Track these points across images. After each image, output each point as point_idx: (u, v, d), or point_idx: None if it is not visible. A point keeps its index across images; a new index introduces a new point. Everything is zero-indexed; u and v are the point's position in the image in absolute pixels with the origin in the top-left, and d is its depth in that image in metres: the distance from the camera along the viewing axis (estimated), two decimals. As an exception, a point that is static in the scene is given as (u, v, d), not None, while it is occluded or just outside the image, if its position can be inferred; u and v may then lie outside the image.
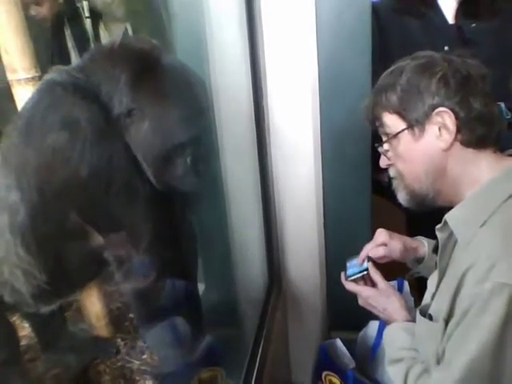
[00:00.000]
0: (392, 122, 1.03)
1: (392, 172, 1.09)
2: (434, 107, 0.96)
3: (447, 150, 0.97)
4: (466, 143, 0.96)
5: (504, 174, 0.95)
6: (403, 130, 1.01)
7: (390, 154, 1.06)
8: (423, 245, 1.29)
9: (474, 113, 0.95)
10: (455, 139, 0.96)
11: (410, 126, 1.00)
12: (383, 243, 1.27)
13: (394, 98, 1.01)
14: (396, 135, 1.02)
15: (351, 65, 1.53)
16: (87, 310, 1.63)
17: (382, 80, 1.06)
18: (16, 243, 1.10)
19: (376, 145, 1.10)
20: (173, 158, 1.11)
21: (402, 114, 1.01)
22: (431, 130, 0.98)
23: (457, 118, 0.95)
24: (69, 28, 2.17)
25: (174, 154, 1.10)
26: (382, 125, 1.05)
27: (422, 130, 0.98)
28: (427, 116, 0.97)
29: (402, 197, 1.07)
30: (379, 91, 1.04)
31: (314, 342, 1.82)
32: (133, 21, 2.18)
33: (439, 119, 0.96)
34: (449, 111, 0.95)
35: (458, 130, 0.96)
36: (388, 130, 1.04)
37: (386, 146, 1.07)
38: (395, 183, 1.08)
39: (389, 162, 1.08)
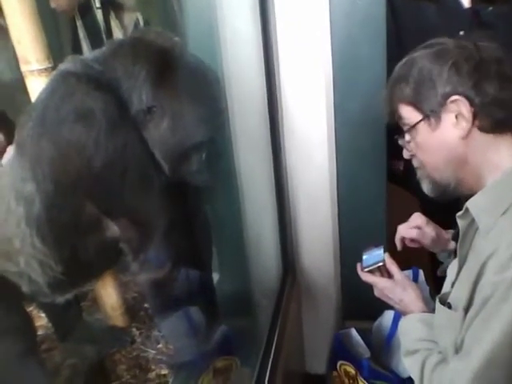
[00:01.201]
0: (408, 113, 1.02)
1: (415, 162, 1.09)
2: (447, 96, 0.95)
3: (465, 137, 0.95)
4: (484, 129, 0.94)
5: None
6: (419, 122, 1.00)
7: (410, 145, 1.06)
8: None
9: (490, 97, 0.93)
10: (472, 126, 0.94)
11: (426, 117, 0.99)
12: (418, 226, 1.28)
13: (407, 90, 1.00)
14: (413, 127, 1.01)
15: (365, 50, 1.51)
16: (103, 300, 1.64)
17: (395, 72, 1.05)
18: (32, 234, 1.10)
19: (396, 137, 1.09)
20: (189, 156, 1.12)
21: (416, 106, 1.00)
22: (447, 118, 0.96)
23: (472, 104, 0.93)
24: (80, 18, 2.16)
25: (191, 151, 1.11)
26: (400, 117, 1.05)
27: (439, 120, 0.97)
28: (442, 105, 0.96)
29: (425, 186, 1.07)
30: (393, 84, 1.04)
31: (328, 332, 1.82)
32: (143, 10, 2.18)
33: (454, 107, 0.95)
34: (463, 98, 0.93)
35: (475, 117, 0.94)
36: (406, 122, 1.04)
37: (406, 138, 1.06)
38: (419, 173, 1.08)
39: (411, 153, 1.08)
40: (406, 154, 1.09)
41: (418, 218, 1.30)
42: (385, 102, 1.07)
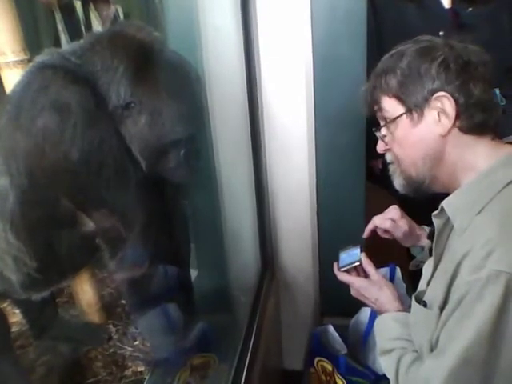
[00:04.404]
0: (391, 106, 1.01)
1: (389, 157, 1.08)
2: (433, 92, 0.95)
3: (445, 135, 0.96)
4: (465, 129, 0.95)
5: (502, 162, 0.94)
6: (402, 115, 0.99)
7: (387, 138, 1.05)
8: (426, 235, 1.29)
9: (474, 99, 0.94)
10: (454, 125, 0.95)
11: (409, 111, 0.98)
12: (392, 218, 1.30)
13: (393, 82, 0.99)
14: (394, 120, 1.01)
15: (346, 50, 1.51)
16: (79, 297, 1.63)
17: (382, 63, 1.03)
18: (5, 229, 1.09)
19: (373, 129, 1.08)
20: (167, 152, 1.11)
21: (401, 98, 0.99)
22: (430, 115, 0.96)
23: (456, 103, 0.94)
24: (59, 10, 2.13)
25: (169, 148, 1.11)
26: (380, 109, 1.04)
27: (421, 115, 0.97)
28: (426, 101, 0.96)
29: (398, 182, 1.06)
30: (379, 75, 1.02)
31: (306, 328, 1.83)
32: (123, 3, 2.15)
33: (438, 104, 0.95)
34: (448, 96, 0.93)
35: (457, 116, 0.94)
36: (386, 115, 1.03)
37: (383, 131, 1.05)
38: (392, 168, 1.07)
39: (386, 147, 1.06)
40: (380, 148, 1.08)
41: (393, 211, 1.32)
42: (366, 92, 1.06)
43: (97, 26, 2.13)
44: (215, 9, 1.43)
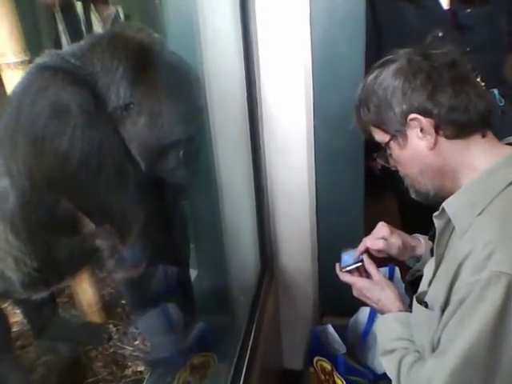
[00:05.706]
0: (377, 134, 1.06)
1: (401, 173, 1.10)
2: (405, 114, 0.97)
3: (434, 147, 0.97)
4: (451, 136, 0.96)
5: (502, 163, 0.94)
6: (389, 141, 1.03)
7: (390, 160, 1.08)
8: (421, 244, 1.28)
9: (446, 107, 0.95)
10: (438, 136, 0.97)
11: (393, 136, 1.02)
12: (383, 237, 1.27)
13: (370, 115, 1.03)
14: (386, 145, 1.05)
15: (345, 51, 1.51)
16: (79, 297, 1.63)
17: (356, 97, 1.07)
18: (6, 230, 1.09)
19: (375, 155, 1.12)
20: (166, 153, 1.12)
21: (382, 128, 1.03)
22: (413, 134, 0.99)
23: (431, 116, 0.95)
24: (59, 11, 2.13)
25: (168, 149, 1.11)
26: (373, 137, 1.08)
27: (405, 137, 1.00)
28: (403, 124, 0.99)
29: (412, 194, 1.09)
30: (357, 108, 1.07)
31: (305, 328, 1.83)
32: (124, 4, 2.16)
33: (416, 123, 0.97)
34: (419, 116, 0.96)
35: (438, 127, 0.96)
36: (379, 141, 1.07)
37: (382, 156, 1.09)
38: (405, 182, 1.10)
39: (393, 168, 1.10)
40: (392, 167, 1.11)
41: (382, 228, 1.29)
42: (358, 123, 1.10)
43: (97, 27, 2.14)
44: (215, 10, 1.43)
